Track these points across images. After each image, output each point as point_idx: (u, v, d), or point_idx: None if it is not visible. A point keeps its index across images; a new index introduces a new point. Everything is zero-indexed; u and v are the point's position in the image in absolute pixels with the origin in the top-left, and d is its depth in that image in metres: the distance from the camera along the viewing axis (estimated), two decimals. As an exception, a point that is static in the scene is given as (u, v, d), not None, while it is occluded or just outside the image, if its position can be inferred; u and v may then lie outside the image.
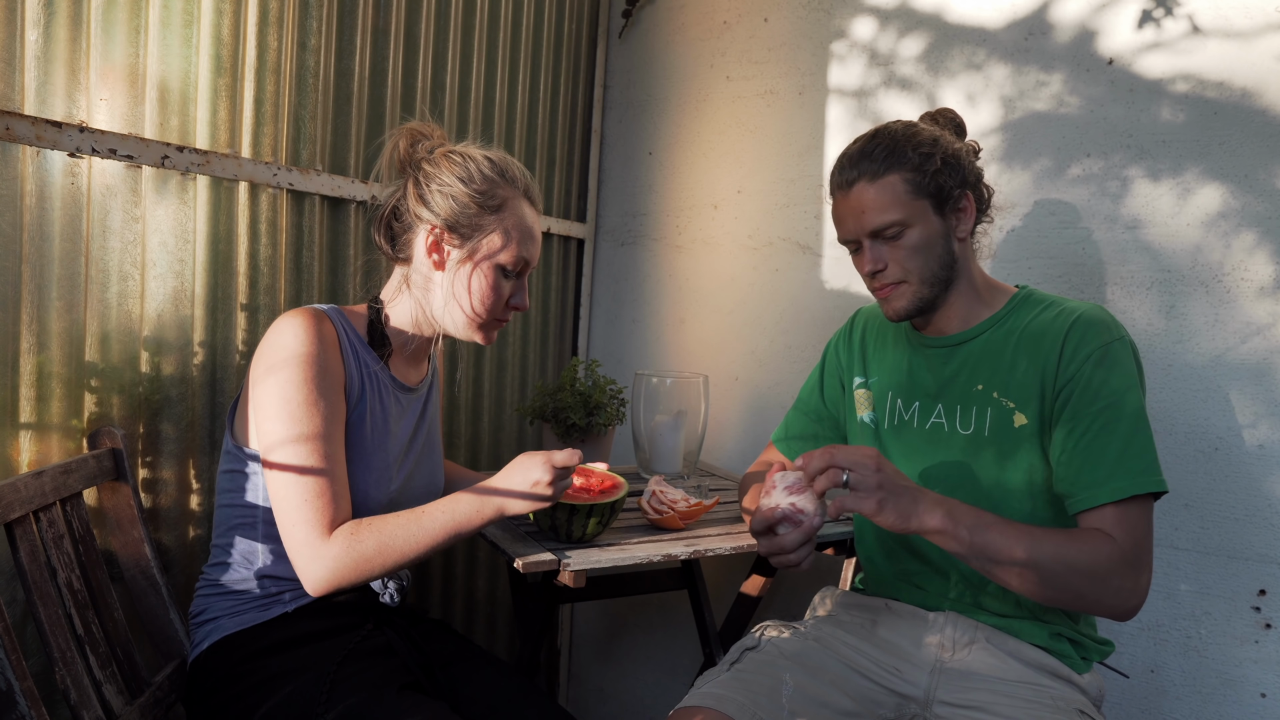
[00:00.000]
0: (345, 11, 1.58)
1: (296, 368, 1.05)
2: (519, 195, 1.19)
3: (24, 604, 1.11)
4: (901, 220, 1.13)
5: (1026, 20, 1.53)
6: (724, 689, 1.06)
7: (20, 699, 0.87)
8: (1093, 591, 1.03)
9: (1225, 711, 1.34)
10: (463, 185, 1.15)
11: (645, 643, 2.13)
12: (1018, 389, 1.14)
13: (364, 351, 1.17)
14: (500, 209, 1.17)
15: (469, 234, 1.16)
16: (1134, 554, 1.04)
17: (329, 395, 1.08)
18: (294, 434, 1.04)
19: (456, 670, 1.19)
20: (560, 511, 1.23)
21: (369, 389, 1.16)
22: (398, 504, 1.19)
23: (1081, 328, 1.11)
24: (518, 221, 1.18)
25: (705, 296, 2.03)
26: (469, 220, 1.16)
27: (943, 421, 1.20)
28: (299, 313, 1.09)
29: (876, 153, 1.14)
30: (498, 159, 1.19)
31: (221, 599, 1.14)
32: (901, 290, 1.17)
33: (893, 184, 1.12)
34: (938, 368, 1.22)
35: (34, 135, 1.16)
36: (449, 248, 1.16)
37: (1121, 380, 1.08)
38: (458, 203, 1.15)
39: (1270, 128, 1.29)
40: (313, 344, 1.07)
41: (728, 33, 1.97)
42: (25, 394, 1.20)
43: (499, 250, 1.17)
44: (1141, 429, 1.07)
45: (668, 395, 1.69)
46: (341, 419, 1.10)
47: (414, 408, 1.27)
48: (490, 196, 1.16)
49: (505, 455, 2.00)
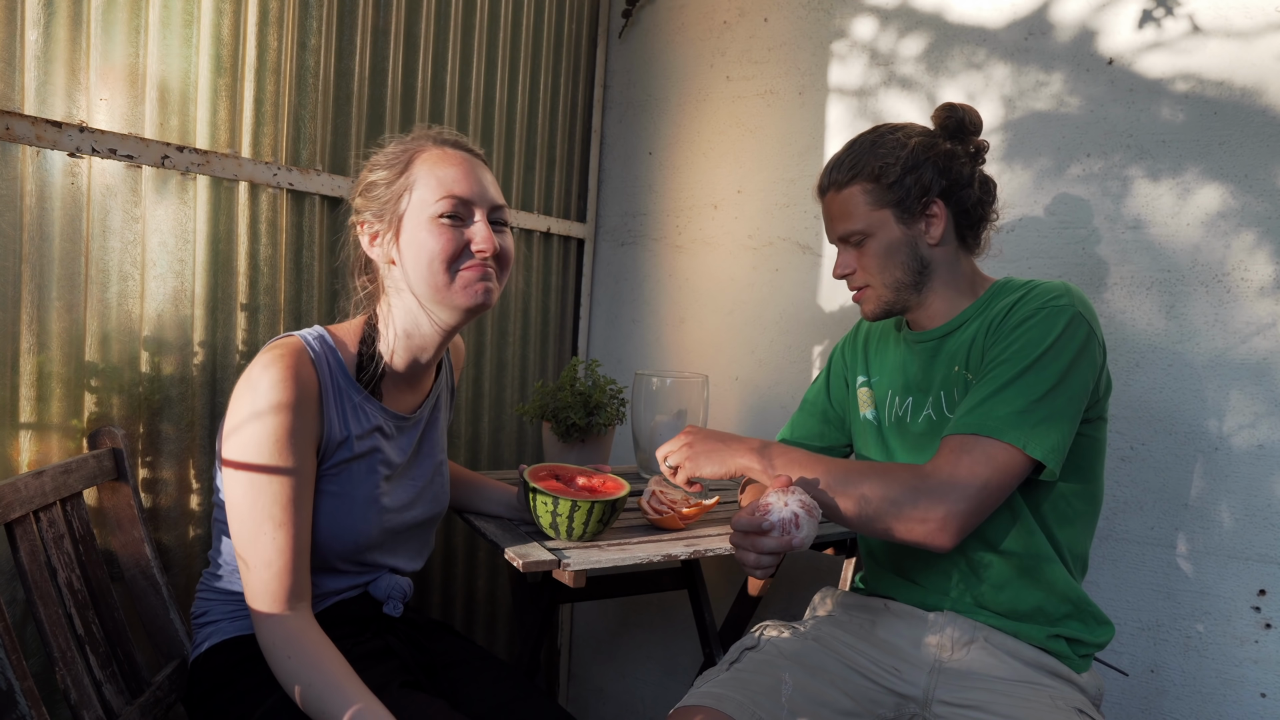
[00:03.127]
0: (345, 11, 1.58)
1: (266, 428, 1.00)
2: (426, 144, 1.13)
3: (24, 604, 1.11)
4: (861, 230, 1.17)
5: (1026, 20, 1.53)
6: (723, 688, 1.06)
7: (20, 699, 0.87)
8: (886, 516, 1.05)
9: (1225, 711, 1.34)
10: (372, 172, 1.13)
11: (645, 643, 2.13)
12: (974, 359, 1.15)
13: (350, 389, 1.11)
14: (408, 166, 1.11)
15: (392, 207, 1.10)
16: (940, 486, 1.02)
17: (299, 455, 1.02)
18: (257, 500, 1.00)
19: (457, 671, 1.19)
20: (562, 507, 1.23)
21: (355, 429, 1.11)
22: (393, 532, 1.17)
23: (1033, 295, 1.11)
24: (430, 166, 1.11)
25: (705, 296, 2.03)
26: (386, 196, 1.11)
27: (931, 413, 1.20)
28: (278, 359, 1.03)
29: (844, 163, 1.19)
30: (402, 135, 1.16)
31: (222, 603, 1.14)
32: (867, 294, 1.21)
33: (853, 195, 1.17)
34: (926, 362, 1.23)
35: (34, 135, 1.16)
36: (381, 229, 1.11)
37: (1037, 338, 1.06)
38: (374, 189, 1.12)
39: (1270, 128, 1.29)
40: (287, 397, 1.01)
41: (728, 33, 1.97)
42: (25, 394, 1.20)
43: (425, 202, 1.09)
44: (1028, 385, 1.04)
45: (668, 395, 1.69)
46: (311, 480, 1.05)
47: (411, 433, 1.21)
48: (395, 163, 1.12)
49: (505, 455, 2.00)
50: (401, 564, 1.22)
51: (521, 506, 1.36)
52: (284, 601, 1.01)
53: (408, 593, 1.20)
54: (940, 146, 1.17)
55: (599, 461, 1.70)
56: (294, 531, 1.02)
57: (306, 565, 1.04)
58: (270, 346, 1.06)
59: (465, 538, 1.91)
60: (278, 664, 0.99)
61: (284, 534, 1.01)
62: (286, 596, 1.01)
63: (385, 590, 1.18)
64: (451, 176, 1.10)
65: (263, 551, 1.00)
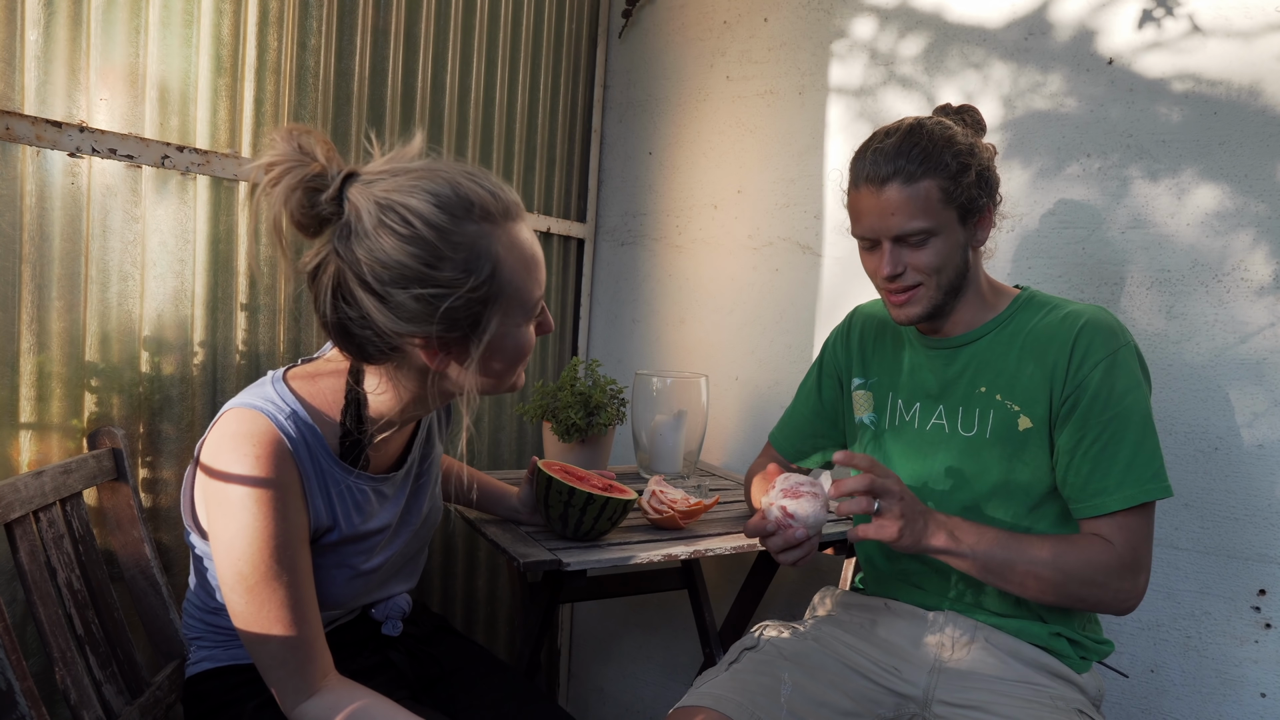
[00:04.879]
0: (345, 11, 1.58)
1: (257, 542, 0.89)
2: (499, 223, 0.89)
3: (24, 604, 1.11)
4: (930, 228, 1.10)
5: (1026, 20, 1.53)
6: (723, 689, 1.06)
7: (20, 699, 0.87)
8: (1091, 596, 1.07)
9: (1225, 711, 1.34)
10: (426, 268, 0.85)
11: (645, 642, 2.13)
12: (1023, 392, 1.13)
13: (333, 467, 0.97)
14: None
15: (470, 323, 0.89)
16: (1132, 559, 1.06)
17: (295, 558, 0.92)
18: (259, 612, 0.91)
19: (457, 675, 1.19)
20: (577, 499, 1.22)
21: (341, 510, 0.99)
22: (380, 575, 1.10)
23: (1090, 333, 1.10)
24: (516, 262, 0.90)
25: (705, 296, 2.03)
26: (459, 305, 0.87)
27: (943, 423, 1.20)
28: (249, 460, 0.88)
29: (914, 153, 1.09)
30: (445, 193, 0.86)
31: (210, 633, 1.08)
32: (917, 295, 1.14)
33: (927, 190, 1.09)
34: (940, 369, 1.22)
35: (34, 135, 1.16)
36: (451, 348, 0.91)
37: (1129, 386, 1.08)
38: (431, 296, 0.85)
39: (1270, 128, 1.29)
40: (270, 508, 0.89)
41: (728, 33, 1.97)
42: (25, 394, 1.20)
43: (514, 313, 0.92)
44: (1149, 435, 1.08)
45: (668, 395, 1.69)
46: (310, 572, 0.95)
47: (402, 487, 1.09)
48: (469, 261, 0.86)
49: (505, 455, 2.00)
50: (396, 589, 1.18)
51: (530, 496, 1.35)
52: (311, 688, 0.93)
53: (406, 610, 1.18)
54: (988, 150, 1.17)
55: (599, 462, 1.71)
56: (305, 629, 0.92)
57: (324, 645, 0.95)
58: (233, 432, 0.90)
59: (465, 538, 1.91)
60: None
61: (296, 631, 0.92)
62: (313, 681, 0.93)
63: (384, 611, 1.16)
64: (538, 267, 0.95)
65: (276, 652, 0.92)
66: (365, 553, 1.04)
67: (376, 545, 1.06)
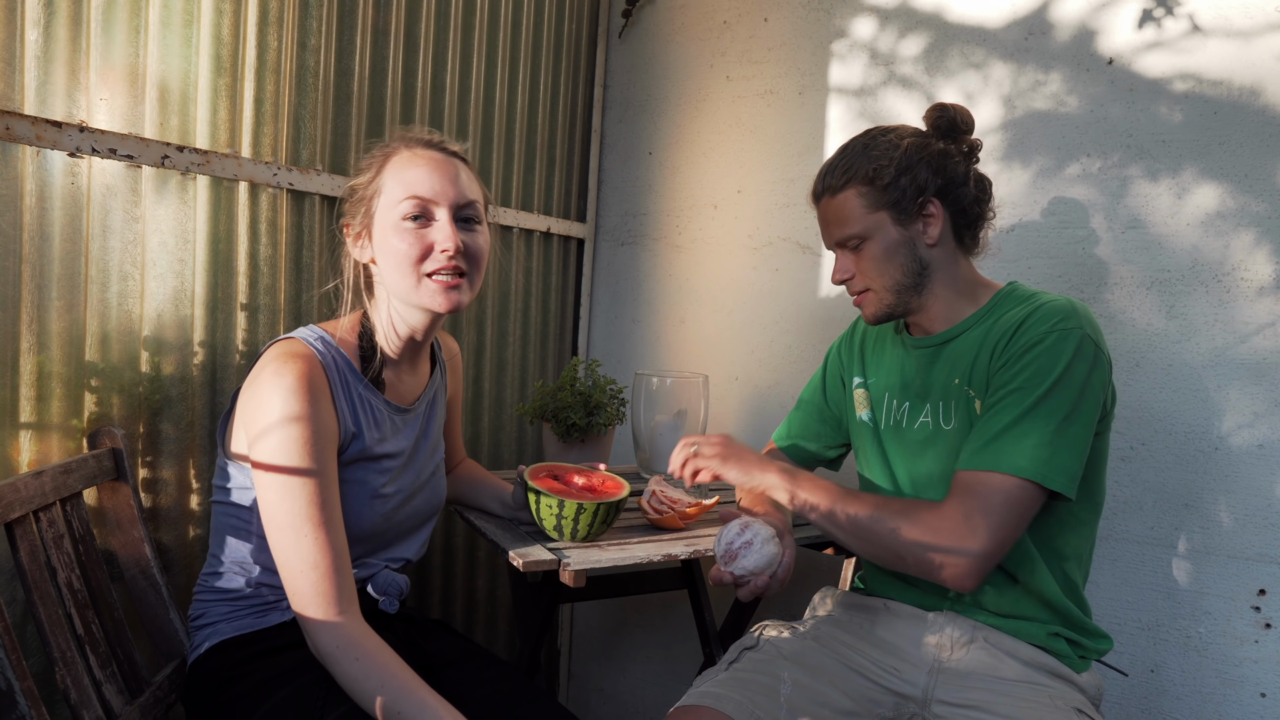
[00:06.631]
0: (345, 11, 1.58)
1: (294, 435, 1.02)
2: (398, 146, 1.16)
3: (24, 604, 1.11)
4: (858, 233, 1.17)
5: (1026, 20, 1.53)
6: (722, 688, 1.06)
7: (20, 699, 0.87)
8: (911, 555, 1.07)
9: (1225, 711, 1.34)
10: (356, 176, 1.18)
11: (645, 643, 2.13)
12: (978, 377, 1.14)
13: (356, 383, 1.14)
14: (380, 169, 1.14)
15: (366, 209, 1.14)
16: (965, 527, 1.03)
17: (327, 457, 1.05)
18: (294, 504, 1.01)
19: (456, 670, 1.19)
20: (568, 509, 1.23)
21: (364, 421, 1.14)
22: (393, 522, 1.19)
23: (1038, 316, 1.09)
24: (397, 168, 1.13)
25: (705, 296, 2.03)
26: (360, 197, 1.15)
27: (929, 420, 1.20)
28: (291, 366, 1.04)
29: (837, 167, 1.18)
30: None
31: (219, 604, 1.14)
32: (868, 298, 1.20)
33: (848, 198, 1.17)
34: (924, 367, 1.22)
35: (34, 135, 1.16)
36: (360, 230, 1.16)
37: (1047, 365, 1.05)
38: (355, 192, 1.16)
39: (1270, 127, 1.29)
40: (306, 406, 1.03)
41: (728, 32, 1.97)
42: (25, 394, 1.20)
43: (392, 205, 1.12)
44: (1042, 417, 1.04)
45: (668, 395, 1.69)
46: (336, 480, 1.07)
47: (412, 425, 1.24)
48: (370, 166, 1.16)
49: (505, 455, 2.00)
50: (398, 555, 1.23)
51: (519, 506, 1.37)
52: (336, 604, 1.00)
53: (404, 590, 1.20)
54: (933, 146, 1.17)
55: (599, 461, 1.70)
56: (334, 530, 1.03)
57: (349, 567, 1.04)
58: (276, 353, 1.06)
59: (465, 537, 1.91)
60: (343, 668, 0.99)
61: (325, 534, 1.01)
62: (337, 598, 1.01)
63: (382, 586, 1.18)
64: (414, 177, 1.12)
65: (307, 553, 1.00)
66: (382, 474, 1.16)
67: (392, 470, 1.18)
